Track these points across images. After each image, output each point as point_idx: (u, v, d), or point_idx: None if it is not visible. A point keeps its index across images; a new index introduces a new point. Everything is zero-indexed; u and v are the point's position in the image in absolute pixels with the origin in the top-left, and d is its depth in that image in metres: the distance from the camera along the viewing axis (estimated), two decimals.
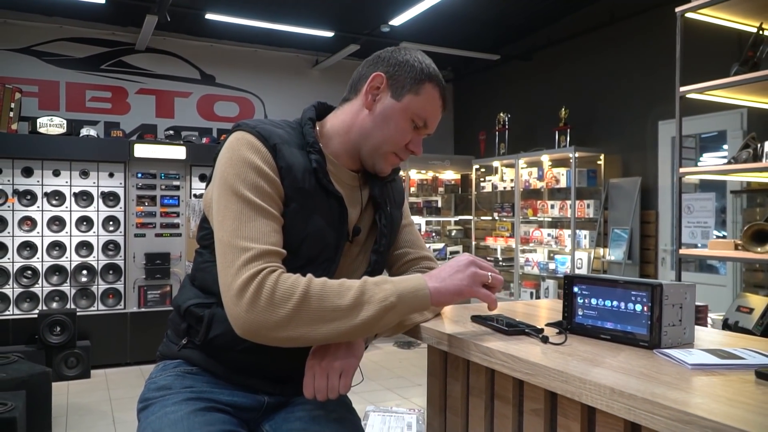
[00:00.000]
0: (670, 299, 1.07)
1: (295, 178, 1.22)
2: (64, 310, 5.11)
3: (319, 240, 1.24)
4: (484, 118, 7.21)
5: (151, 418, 1.22)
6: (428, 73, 1.29)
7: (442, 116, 1.36)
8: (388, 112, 1.29)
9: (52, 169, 5.33)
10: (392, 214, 1.43)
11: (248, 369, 1.28)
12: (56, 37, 6.11)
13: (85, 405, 4.41)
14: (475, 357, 1.10)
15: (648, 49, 5.34)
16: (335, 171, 1.32)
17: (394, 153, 1.32)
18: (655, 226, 5.32)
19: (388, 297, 1.10)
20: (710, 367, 0.94)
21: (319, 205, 1.25)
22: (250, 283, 1.08)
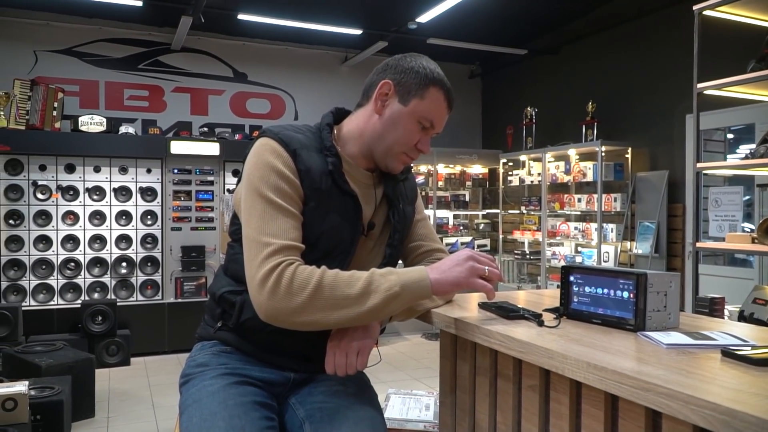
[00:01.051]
0: (654, 287, 1.18)
1: (313, 180, 1.35)
2: (105, 301, 5.36)
3: (335, 235, 1.37)
4: (511, 112, 7.26)
5: (192, 390, 1.38)
6: (432, 78, 1.40)
7: (448, 116, 1.47)
8: (396, 116, 1.40)
9: (93, 166, 5.58)
10: (405, 211, 1.54)
11: (276, 348, 1.42)
12: (96, 38, 6.37)
13: (126, 390, 4.64)
14: (478, 338, 1.23)
15: (675, 43, 5.34)
16: (351, 171, 1.44)
17: (405, 153, 1.44)
18: (682, 220, 5.33)
19: (392, 287, 1.24)
20: (683, 346, 1.05)
21: (335, 203, 1.38)
22: (271, 274, 1.22)
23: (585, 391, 1.07)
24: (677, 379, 0.85)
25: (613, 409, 1.03)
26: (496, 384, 1.32)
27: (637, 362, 0.95)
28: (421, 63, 1.42)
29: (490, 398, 1.34)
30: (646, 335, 1.13)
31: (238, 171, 6.01)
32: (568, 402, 1.11)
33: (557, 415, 1.14)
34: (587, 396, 1.07)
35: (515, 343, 1.11)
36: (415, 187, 1.65)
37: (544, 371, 1.18)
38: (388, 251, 1.50)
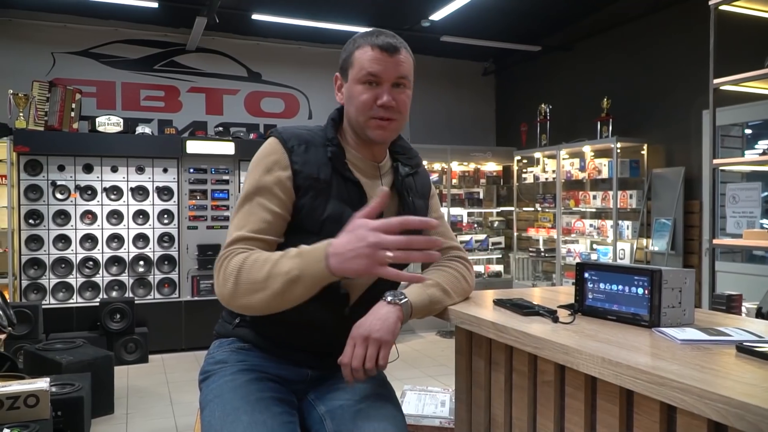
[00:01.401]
0: (669, 283, 1.19)
1: (310, 171, 1.40)
2: (123, 299, 5.43)
3: (338, 219, 1.37)
4: (525, 109, 7.24)
5: (213, 386, 1.40)
6: (355, 43, 1.45)
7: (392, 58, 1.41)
8: (348, 92, 1.47)
9: (110, 166, 5.65)
10: (414, 203, 1.55)
11: (293, 345, 1.45)
12: (112, 40, 6.44)
13: (144, 387, 4.70)
14: (493, 335, 1.24)
15: (692, 38, 5.30)
16: (355, 161, 1.49)
17: (372, 117, 1.44)
18: (699, 216, 5.29)
19: (292, 269, 1.23)
20: (698, 342, 1.06)
21: (337, 190, 1.42)
22: (220, 263, 1.31)
23: (600, 387, 1.09)
24: (691, 373, 0.86)
25: (628, 404, 1.04)
26: (512, 379, 1.34)
27: (652, 357, 0.96)
28: (352, 41, 1.48)
29: (506, 394, 1.35)
30: (661, 331, 1.14)
31: None
32: (583, 397, 1.12)
33: (572, 410, 1.15)
34: (602, 391, 1.08)
35: (530, 339, 1.13)
36: (428, 183, 1.67)
37: (560, 367, 1.19)
38: None
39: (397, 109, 1.44)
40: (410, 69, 1.47)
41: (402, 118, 1.47)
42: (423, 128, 7.63)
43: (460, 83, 7.90)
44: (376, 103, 1.42)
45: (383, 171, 1.54)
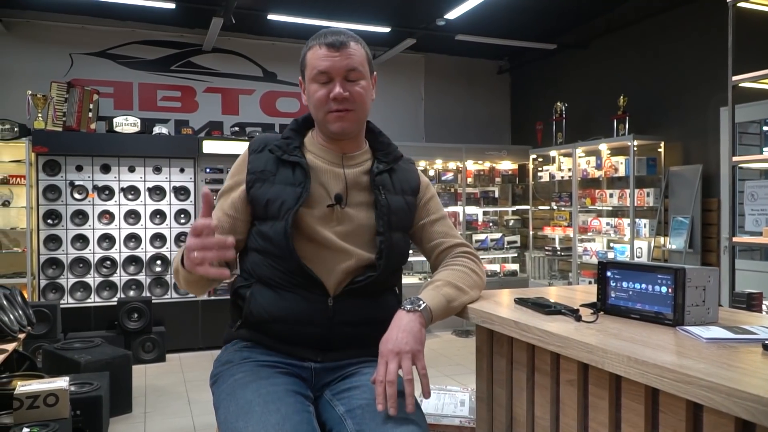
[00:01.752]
0: (693, 282, 1.18)
1: (257, 165, 1.53)
2: (141, 298, 5.47)
3: (277, 199, 1.48)
4: (541, 107, 7.21)
5: (223, 386, 1.43)
6: (308, 47, 1.54)
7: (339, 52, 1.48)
8: (307, 94, 1.55)
9: (127, 166, 5.70)
10: (389, 201, 1.55)
11: (289, 338, 1.47)
12: (129, 41, 6.49)
13: (162, 386, 4.73)
14: (515, 333, 1.24)
15: (708, 35, 5.25)
16: (318, 152, 1.57)
17: (327, 112, 1.50)
18: (717, 214, 5.24)
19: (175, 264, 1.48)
20: (723, 340, 1.05)
21: (281, 176, 1.51)
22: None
23: (625, 385, 1.08)
24: (719, 372, 0.86)
25: (654, 403, 1.04)
26: (534, 378, 1.34)
27: (677, 356, 0.95)
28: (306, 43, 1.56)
29: (528, 393, 1.35)
30: (686, 330, 1.13)
31: None
32: (607, 396, 1.12)
33: (596, 408, 1.15)
34: (627, 390, 1.08)
35: (554, 338, 1.12)
36: (415, 180, 1.67)
37: (583, 366, 1.19)
38: (379, 239, 1.51)
39: (352, 100, 1.49)
40: (362, 60, 1.51)
41: (360, 108, 1.52)
42: (438, 127, 7.63)
43: (475, 82, 7.88)
44: (330, 96, 1.48)
45: (350, 161, 1.58)
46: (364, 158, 1.60)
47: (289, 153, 1.52)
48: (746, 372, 0.87)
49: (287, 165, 1.51)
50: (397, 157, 1.64)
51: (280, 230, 1.45)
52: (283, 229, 1.44)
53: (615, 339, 1.08)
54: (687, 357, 0.95)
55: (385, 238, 1.50)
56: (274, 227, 1.46)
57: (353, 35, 1.53)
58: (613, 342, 1.05)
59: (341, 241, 1.48)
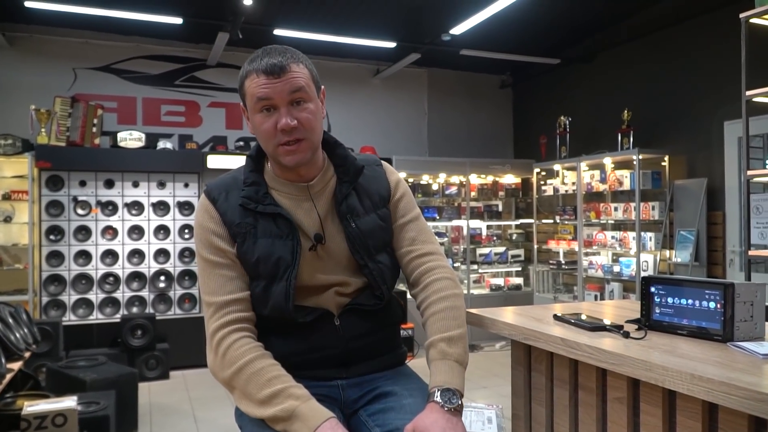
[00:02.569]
0: (741, 297, 1.17)
1: (232, 219, 1.42)
2: (145, 315, 5.42)
3: (270, 256, 1.39)
4: (544, 121, 7.23)
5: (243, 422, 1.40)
6: (244, 74, 1.39)
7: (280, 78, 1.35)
8: (252, 125, 1.42)
9: (131, 181, 5.67)
10: (359, 227, 1.46)
11: (308, 365, 1.42)
12: (133, 56, 6.49)
13: (167, 404, 4.67)
14: (561, 350, 1.23)
15: (712, 50, 5.29)
16: (281, 188, 1.46)
17: (278, 144, 1.37)
18: (722, 228, 5.25)
19: (288, 411, 1.25)
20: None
21: (263, 228, 1.41)
22: (215, 335, 1.37)
23: (680, 403, 1.07)
24: None
25: (711, 420, 1.02)
26: (577, 396, 1.32)
27: (741, 373, 0.94)
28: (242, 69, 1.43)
29: (571, 410, 1.33)
30: (738, 346, 1.12)
31: None
32: (660, 414, 1.10)
33: (649, 427, 1.13)
34: (683, 408, 1.06)
35: (607, 355, 1.11)
36: (384, 187, 1.55)
37: (632, 383, 1.17)
38: (366, 272, 1.45)
39: (302, 128, 1.37)
40: (306, 81, 1.38)
41: (312, 134, 1.39)
42: (441, 141, 7.64)
43: (478, 96, 7.91)
44: (277, 128, 1.35)
45: (315, 190, 1.47)
46: (327, 179, 1.49)
47: (262, 203, 1.42)
48: None
49: (265, 216, 1.42)
50: (358, 170, 1.50)
51: (281, 292, 1.39)
52: (284, 290, 1.38)
53: (670, 355, 1.06)
54: (751, 374, 0.94)
55: (371, 269, 1.45)
56: (270, 288, 1.39)
57: (293, 53, 1.40)
58: (670, 358, 1.03)
59: (333, 276, 1.44)
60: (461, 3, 5.34)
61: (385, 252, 1.50)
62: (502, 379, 5.23)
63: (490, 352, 6.10)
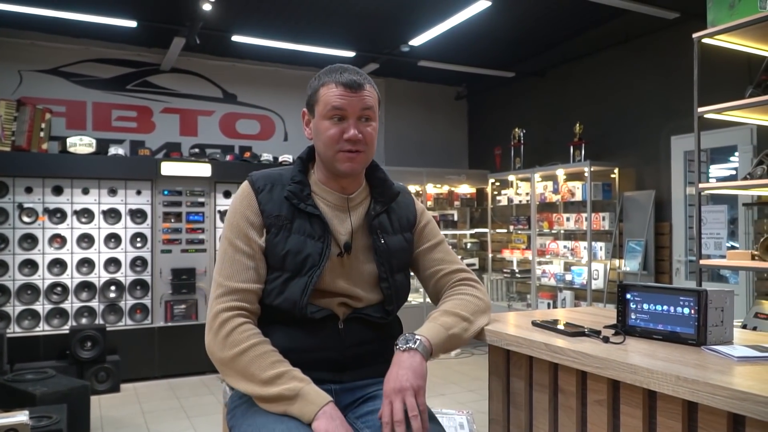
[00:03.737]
0: (713, 303, 1.23)
1: (271, 210, 1.49)
2: (95, 326, 5.24)
3: (299, 252, 1.46)
4: (499, 133, 7.39)
5: (244, 415, 1.40)
6: (319, 81, 1.51)
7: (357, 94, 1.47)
8: (315, 128, 1.52)
9: (81, 188, 5.50)
10: (388, 243, 1.56)
11: (305, 365, 1.42)
12: (82, 59, 6.32)
13: (119, 418, 4.53)
14: (545, 355, 1.26)
15: (660, 67, 5.52)
16: (322, 194, 1.55)
17: (339, 151, 1.48)
18: (669, 238, 5.47)
19: (293, 390, 1.32)
20: (754, 359, 1.10)
21: (298, 225, 1.48)
22: (217, 317, 1.40)
23: (661, 404, 1.11)
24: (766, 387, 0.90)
25: (690, 420, 1.07)
26: (557, 400, 1.36)
27: (720, 374, 0.99)
28: (316, 77, 1.54)
29: (550, 414, 1.37)
30: (713, 349, 1.18)
31: (230, 193, 5.99)
32: (641, 415, 1.14)
33: (629, 428, 1.18)
34: (663, 408, 1.11)
35: (591, 359, 1.15)
36: (412, 213, 1.66)
37: (612, 386, 1.22)
38: (385, 286, 1.53)
39: (364, 142, 1.48)
40: (375, 102, 1.52)
41: (369, 149, 1.51)
42: (398, 151, 7.70)
43: (434, 107, 8.02)
44: (343, 137, 1.46)
45: (354, 203, 1.56)
46: (363, 197, 1.59)
47: (305, 202, 1.50)
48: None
49: (303, 214, 1.49)
50: (394, 194, 1.62)
51: (299, 287, 1.44)
52: (304, 285, 1.44)
53: (651, 359, 1.11)
54: (730, 375, 0.99)
55: (389, 284, 1.53)
56: (291, 282, 1.45)
57: (367, 76, 1.53)
58: (652, 362, 1.08)
59: (350, 287, 1.50)
60: (421, 15, 5.42)
61: (403, 273, 1.60)
62: (459, 386, 5.29)
63: (445, 361, 6.15)
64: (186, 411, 4.66)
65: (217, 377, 5.64)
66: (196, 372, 5.71)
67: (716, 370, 1.03)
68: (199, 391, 5.22)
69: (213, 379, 5.60)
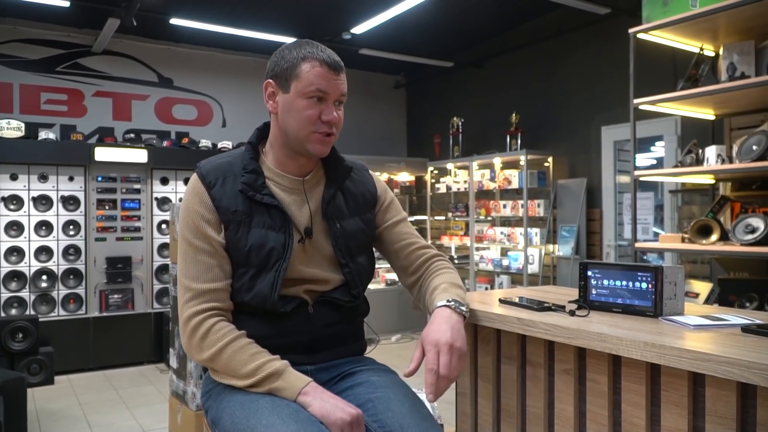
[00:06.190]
0: (668, 278, 1.35)
1: (228, 206, 1.43)
2: (26, 317, 5.03)
3: (263, 247, 1.42)
4: (438, 122, 7.52)
5: (221, 396, 1.40)
6: (301, 56, 1.43)
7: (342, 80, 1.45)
8: (287, 105, 1.44)
9: (9, 173, 5.25)
10: (344, 228, 1.53)
11: (277, 350, 1.44)
12: (8, 39, 6.00)
13: (56, 410, 4.39)
14: (516, 328, 1.35)
15: (592, 59, 5.77)
16: (277, 179, 1.50)
17: (314, 132, 1.44)
18: (599, 224, 5.75)
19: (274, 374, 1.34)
20: (707, 326, 1.23)
21: (257, 217, 1.44)
22: (190, 320, 1.39)
23: (625, 370, 1.22)
24: (727, 350, 1.02)
25: (653, 384, 1.18)
26: (524, 371, 1.45)
27: (681, 340, 1.10)
28: (289, 48, 1.46)
29: (518, 384, 1.46)
30: (670, 319, 1.29)
31: (167, 179, 5.86)
32: (606, 381, 1.25)
33: (595, 393, 1.28)
34: (627, 374, 1.22)
35: (562, 331, 1.24)
36: (370, 191, 1.62)
37: (579, 355, 1.31)
38: (345, 271, 1.51)
39: (337, 125, 1.47)
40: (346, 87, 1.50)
41: (338, 133, 1.50)
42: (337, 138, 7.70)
43: (373, 95, 8.08)
44: (321, 118, 1.43)
45: (309, 185, 1.53)
46: (320, 177, 1.56)
47: (260, 192, 1.44)
48: (743, 347, 1.03)
49: (260, 206, 1.45)
50: (346, 171, 1.57)
51: (268, 282, 1.42)
52: (272, 280, 1.41)
53: (617, 329, 1.21)
54: (690, 340, 1.10)
55: (350, 268, 1.51)
56: (258, 278, 1.42)
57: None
58: (619, 331, 1.18)
59: (315, 271, 1.48)
60: (363, 3, 5.44)
61: (365, 254, 1.57)
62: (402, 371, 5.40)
63: (386, 345, 6.26)
64: (125, 402, 4.56)
65: (156, 367, 5.53)
66: (134, 363, 5.58)
67: (676, 336, 1.14)
68: (137, 382, 5.11)
69: (152, 369, 5.49)
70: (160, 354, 5.66)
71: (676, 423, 1.14)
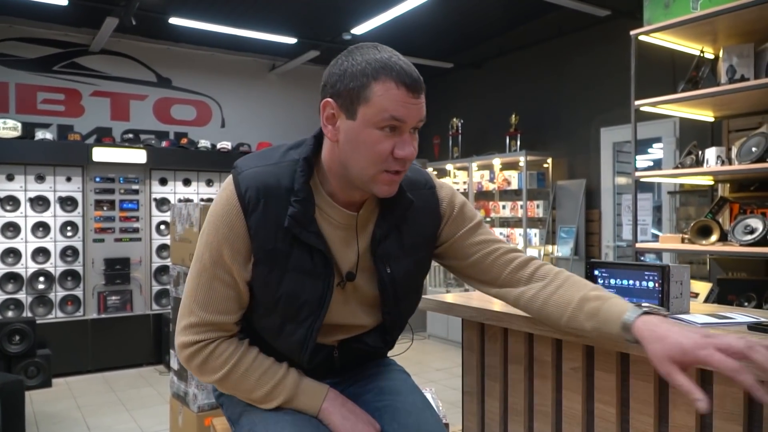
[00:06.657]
0: (674, 277, 1.35)
1: (265, 240, 1.19)
2: (23, 319, 5.01)
3: (295, 299, 1.22)
4: (437, 122, 7.51)
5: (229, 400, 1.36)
6: (372, 71, 1.13)
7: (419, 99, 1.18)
8: (352, 135, 1.16)
9: (5, 174, 5.24)
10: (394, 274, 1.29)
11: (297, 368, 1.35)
12: (5, 37, 5.98)
13: (55, 413, 4.37)
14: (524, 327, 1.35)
15: (592, 61, 5.78)
16: (329, 212, 1.25)
17: (383, 171, 1.17)
18: (598, 224, 5.76)
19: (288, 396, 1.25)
20: (714, 324, 1.23)
21: (296, 258, 1.21)
22: (187, 348, 1.23)
23: (633, 367, 1.22)
24: None
25: (661, 381, 1.18)
26: (532, 370, 1.45)
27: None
28: (356, 59, 1.16)
29: (526, 383, 1.46)
30: (677, 317, 1.30)
31: (165, 180, 5.85)
32: (615, 378, 1.25)
33: (603, 390, 1.28)
34: (636, 371, 1.22)
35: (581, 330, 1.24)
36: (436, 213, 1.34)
37: (587, 353, 1.31)
38: (386, 312, 1.32)
39: (411, 161, 1.21)
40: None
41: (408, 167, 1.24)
42: None
43: None
44: (393, 154, 1.15)
45: (362, 220, 1.28)
46: (372, 208, 1.29)
47: (307, 229, 1.19)
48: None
49: (303, 244, 1.20)
50: (407, 205, 1.28)
51: (298, 340, 1.25)
52: (302, 339, 1.24)
53: None
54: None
55: (392, 314, 1.32)
56: (286, 327, 1.25)
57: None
58: None
59: (352, 318, 1.31)
60: (364, 4, 5.44)
61: (412, 295, 1.37)
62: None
63: None
64: (124, 404, 4.55)
65: (155, 369, 5.52)
66: (133, 365, 5.57)
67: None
68: (136, 384, 5.09)
69: (151, 371, 5.47)
70: (158, 356, 5.65)
71: (684, 420, 1.14)
